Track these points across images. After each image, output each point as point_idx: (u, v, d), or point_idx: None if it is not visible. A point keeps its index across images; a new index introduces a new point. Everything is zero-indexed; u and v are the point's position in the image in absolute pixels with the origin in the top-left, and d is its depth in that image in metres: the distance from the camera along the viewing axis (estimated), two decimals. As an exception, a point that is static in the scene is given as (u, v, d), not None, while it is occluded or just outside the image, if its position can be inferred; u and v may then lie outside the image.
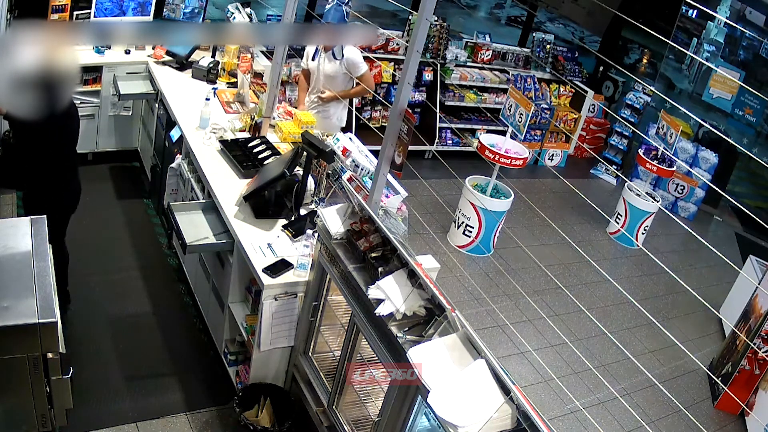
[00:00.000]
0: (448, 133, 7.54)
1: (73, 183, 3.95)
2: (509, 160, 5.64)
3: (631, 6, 7.78)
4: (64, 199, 3.92)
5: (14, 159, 3.70)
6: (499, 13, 15.48)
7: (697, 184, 7.84)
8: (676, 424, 4.57)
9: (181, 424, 3.65)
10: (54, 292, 2.56)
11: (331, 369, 3.42)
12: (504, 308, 5.25)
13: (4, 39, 3.69)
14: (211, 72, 5.35)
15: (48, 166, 3.71)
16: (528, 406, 2.21)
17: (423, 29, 2.93)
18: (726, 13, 8.15)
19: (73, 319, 4.08)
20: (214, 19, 6.29)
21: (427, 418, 2.74)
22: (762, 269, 5.77)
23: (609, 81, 8.86)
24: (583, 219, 7.11)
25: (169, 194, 4.74)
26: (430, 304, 2.75)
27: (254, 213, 3.83)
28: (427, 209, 6.23)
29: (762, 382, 4.68)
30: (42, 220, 2.88)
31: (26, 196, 3.91)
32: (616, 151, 8.41)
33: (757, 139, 8.21)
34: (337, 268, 3.14)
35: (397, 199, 3.64)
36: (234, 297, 3.83)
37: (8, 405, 2.53)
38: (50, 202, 3.72)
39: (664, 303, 6.05)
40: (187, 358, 4.12)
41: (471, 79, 7.56)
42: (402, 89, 3.10)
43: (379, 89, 7.17)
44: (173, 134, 4.77)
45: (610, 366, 4.96)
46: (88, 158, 5.62)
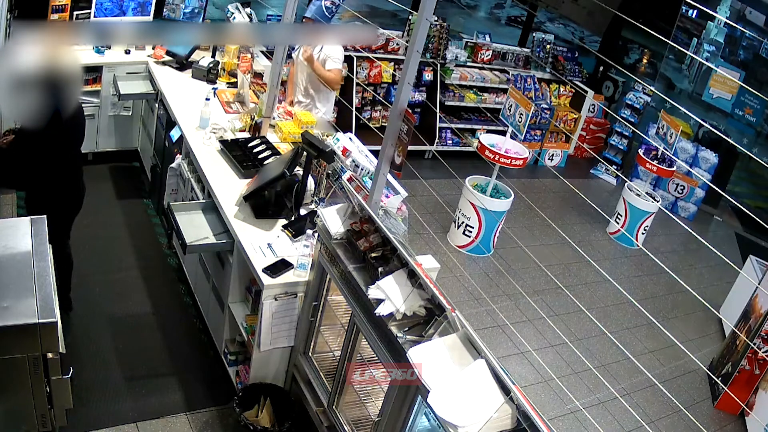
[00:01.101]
0: (448, 133, 7.54)
1: (77, 185, 3.93)
2: (509, 160, 5.64)
3: (631, 6, 7.78)
4: (68, 201, 3.90)
5: (12, 160, 3.67)
6: (499, 13, 15.47)
7: (697, 184, 7.84)
8: (676, 424, 4.57)
9: (181, 424, 3.65)
10: (54, 292, 2.56)
11: (331, 369, 3.42)
12: (504, 308, 5.25)
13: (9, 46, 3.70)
14: (211, 72, 5.35)
15: (53, 168, 3.69)
16: (528, 406, 2.21)
17: (423, 29, 2.93)
18: (726, 13, 8.15)
19: (73, 319, 4.08)
20: (214, 19, 6.29)
21: (427, 418, 2.74)
22: (762, 269, 5.77)
23: (609, 81, 8.86)
24: (583, 219, 7.11)
25: (169, 194, 4.74)
26: (430, 304, 2.75)
27: (254, 213, 3.83)
28: (427, 209, 6.23)
29: (762, 382, 4.68)
30: (42, 220, 2.87)
31: (29, 197, 3.88)
32: (616, 151, 8.41)
33: (757, 139, 8.21)
34: (337, 268, 3.14)
35: (397, 199, 3.64)
36: (234, 297, 3.83)
37: (8, 405, 2.53)
38: (54, 204, 3.69)
39: (664, 303, 6.05)
40: (187, 358, 4.12)
41: (471, 79, 7.56)
42: (402, 89, 3.10)
43: (379, 89, 7.17)
44: (173, 134, 4.77)
45: (610, 366, 4.96)
46: (88, 158, 5.61)
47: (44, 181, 3.70)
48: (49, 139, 3.51)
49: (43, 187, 3.73)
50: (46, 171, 3.67)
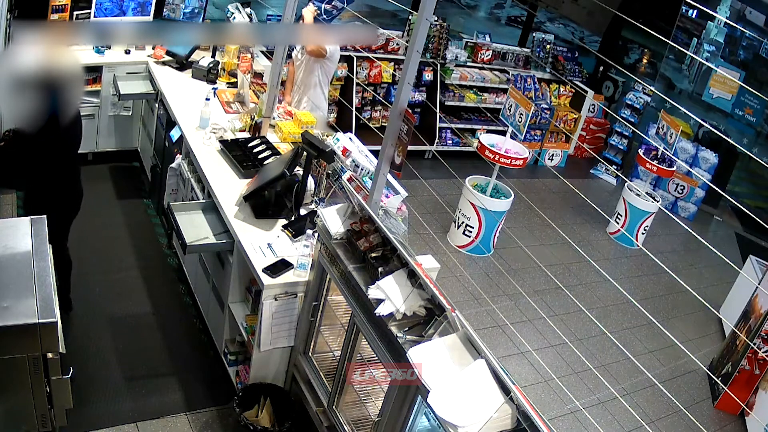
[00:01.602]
0: (448, 133, 7.54)
1: (75, 186, 3.92)
2: (509, 160, 5.64)
3: (631, 6, 7.78)
4: (66, 202, 3.89)
5: (11, 159, 3.66)
6: (499, 13, 15.45)
7: (697, 184, 7.84)
8: (676, 424, 4.57)
9: (181, 424, 3.65)
10: (54, 293, 2.56)
11: (331, 369, 3.42)
12: (504, 308, 5.25)
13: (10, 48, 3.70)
14: (211, 72, 5.35)
15: (51, 169, 3.68)
16: (528, 406, 2.21)
17: (423, 29, 2.93)
18: (726, 13, 8.15)
19: (73, 319, 4.08)
20: (214, 19, 6.29)
21: (427, 418, 2.74)
22: (762, 269, 5.77)
23: (609, 81, 8.86)
24: (583, 219, 7.11)
25: (169, 194, 4.74)
26: (430, 304, 2.75)
27: (254, 213, 3.83)
28: (427, 209, 6.23)
29: (762, 382, 4.68)
30: (42, 220, 2.87)
31: (27, 197, 3.88)
32: (616, 151, 8.41)
33: (757, 139, 8.21)
34: (337, 268, 3.14)
35: (397, 199, 3.64)
36: (234, 297, 3.83)
37: (8, 405, 2.53)
38: (52, 205, 3.67)
39: (664, 303, 6.05)
40: (187, 358, 4.12)
41: (471, 79, 7.56)
42: (402, 89, 3.10)
43: (379, 89, 7.17)
44: (173, 134, 4.77)
45: (610, 366, 4.96)
46: (88, 158, 5.62)
47: (41, 183, 3.69)
48: (45, 141, 3.49)
49: (40, 189, 3.72)
50: (43, 172, 3.65)
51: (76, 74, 3.67)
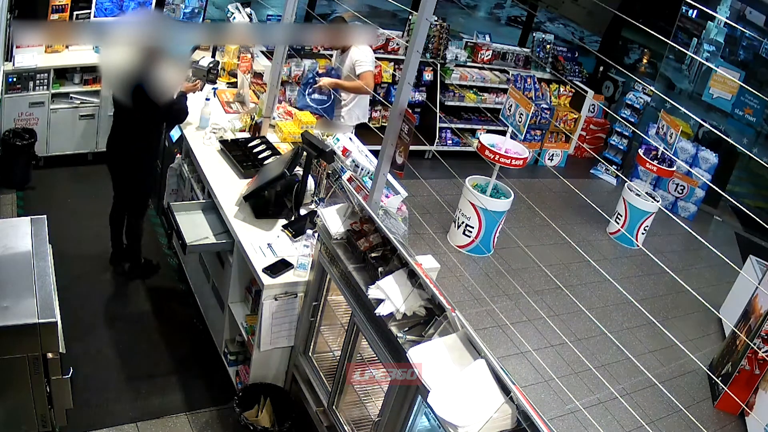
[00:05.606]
0: (448, 133, 7.54)
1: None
2: (509, 160, 5.64)
3: (631, 6, 7.78)
4: (157, 179, 4.67)
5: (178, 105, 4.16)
6: (499, 13, 15.44)
7: (697, 184, 7.84)
8: (676, 424, 4.57)
9: (181, 424, 3.65)
10: (54, 293, 2.56)
11: (331, 369, 3.42)
12: (504, 308, 5.25)
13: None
14: (211, 72, 5.34)
15: (156, 148, 4.34)
16: (528, 406, 2.21)
17: (423, 29, 2.93)
18: (726, 13, 8.15)
19: (73, 319, 4.07)
20: (214, 19, 6.29)
21: (427, 418, 2.74)
22: (762, 269, 5.77)
23: (609, 81, 8.86)
24: (583, 219, 7.11)
25: (169, 194, 4.74)
26: (430, 304, 2.75)
27: (254, 213, 3.83)
28: (427, 209, 6.23)
29: (762, 382, 4.68)
30: (42, 220, 2.88)
31: (131, 177, 4.25)
32: (616, 151, 8.41)
33: (757, 139, 8.21)
34: (337, 268, 3.14)
35: (397, 199, 3.64)
36: (234, 297, 3.83)
37: (8, 405, 2.53)
38: (151, 181, 4.42)
39: (664, 303, 6.05)
40: (187, 358, 4.12)
41: (471, 79, 7.56)
42: (402, 89, 3.10)
43: (379, 89, 7.17)
44: (173, 134, 4.77)
45: (610, 366, 4.96)
46: (88, 158, 5.62)
47: (147, 161, 4.25)
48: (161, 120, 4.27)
49: (146, 166, 4.25)
50: (151, 150, 4.29)
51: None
